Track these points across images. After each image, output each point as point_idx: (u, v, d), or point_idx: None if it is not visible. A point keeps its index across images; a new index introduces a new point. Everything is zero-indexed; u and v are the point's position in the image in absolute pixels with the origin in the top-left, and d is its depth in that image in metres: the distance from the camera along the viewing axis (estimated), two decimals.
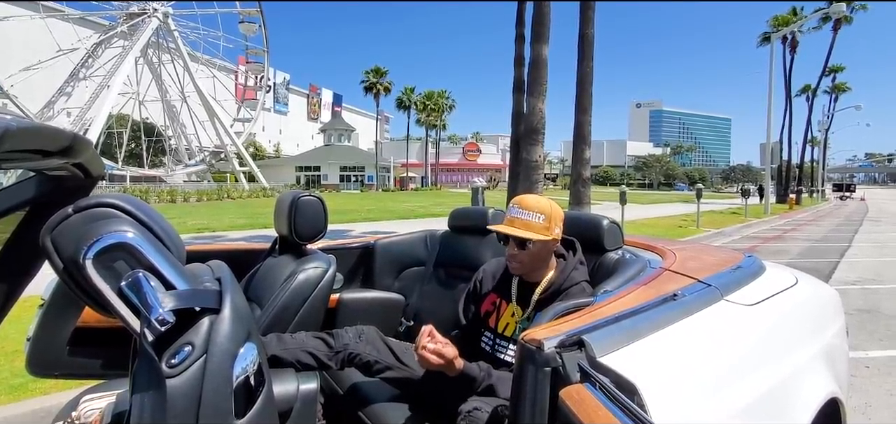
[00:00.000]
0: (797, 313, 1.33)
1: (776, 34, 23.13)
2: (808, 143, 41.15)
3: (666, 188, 73.14)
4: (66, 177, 1.13)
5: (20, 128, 0.67)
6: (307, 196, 1.77)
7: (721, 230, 12.89)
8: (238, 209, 19.44)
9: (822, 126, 42.66)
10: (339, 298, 2.06)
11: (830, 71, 38.93)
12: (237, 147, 37.28)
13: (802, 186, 37.28)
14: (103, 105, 30.06)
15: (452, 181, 58.25)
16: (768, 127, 20.91)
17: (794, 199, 28.84)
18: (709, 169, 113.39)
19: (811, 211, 25.31)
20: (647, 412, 0.70)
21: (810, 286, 1.51)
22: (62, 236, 0.63)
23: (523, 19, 10.40)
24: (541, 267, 1.38)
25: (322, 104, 75.27)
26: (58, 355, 1.61)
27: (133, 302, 0.61)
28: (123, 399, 1.17)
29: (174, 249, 0.71)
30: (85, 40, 33.03)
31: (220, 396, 0.61)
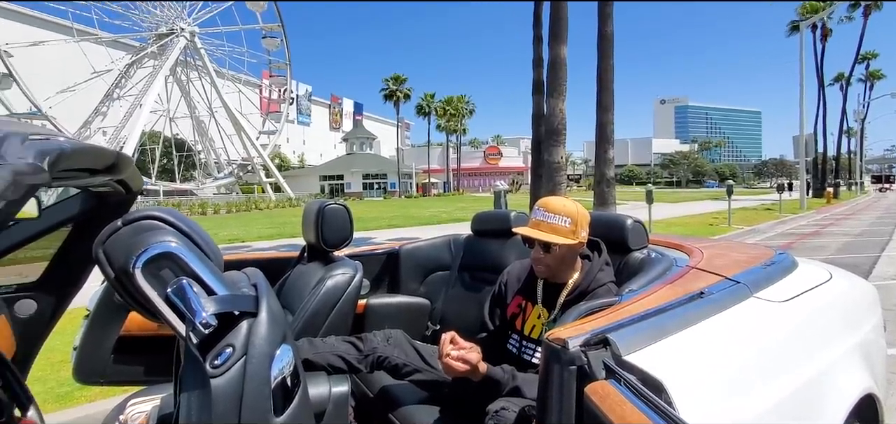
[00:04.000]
0: (831, 309, 1.29)
1: (805, 23, 22.32)
2: (844, 134, 39.50)
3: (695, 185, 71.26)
4: (108, 193, 1.20)
5: (73, 148, 0.73)
6: (333, 204, 1.82)
7: (754, 227, 12.46)
8: (266, 219, 19.89)
9: (857, 115, 40.93)
10: (366, 303, 2.10)
11: (863, 58, 37.37)
12: (263, 159, 38.23)
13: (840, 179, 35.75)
14: (137, 123, 31.35)
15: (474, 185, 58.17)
16: (801, 118, 20.17)
17: (831, 193, 27.65)
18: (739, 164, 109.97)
19: (849, 204, 24.22)
20: (675, 409, 0.70)
21: (845, 281, 1.47)
22: (113, 247, 0.67)
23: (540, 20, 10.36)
24: (566, 269, 1.37)
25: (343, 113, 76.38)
26: (103, 363, 1.70)
27: (178, 307, 0.65)
28: (167, 402, 1.23)
29: (213, 257, 0.75)
30: (118, 61, 34.50)
31: (260, 395, 0.64)
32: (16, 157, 0.62)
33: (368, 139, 54.87)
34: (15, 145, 0.63)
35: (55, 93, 30.78)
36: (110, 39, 35.79)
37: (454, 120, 51.50)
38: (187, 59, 36.55)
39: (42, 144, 0.66)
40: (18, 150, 0.62)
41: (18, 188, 0.60)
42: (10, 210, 0.60)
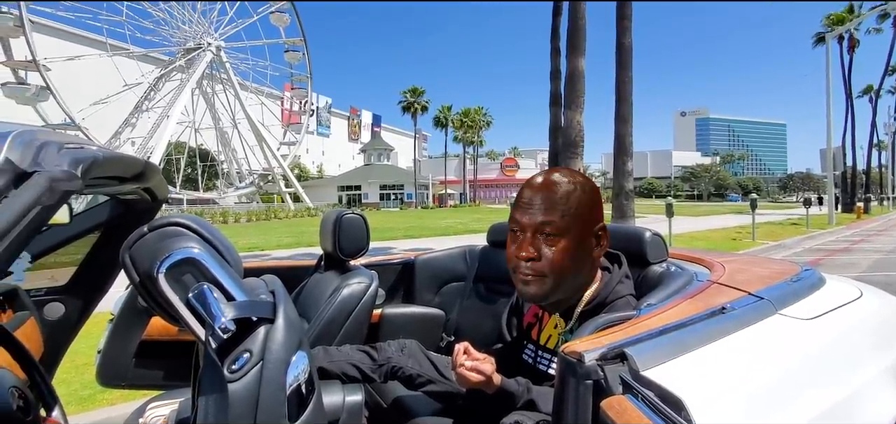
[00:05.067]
0: (861, 328, 1.24)
1: (831, 34, 21.81)
2: (875, 147, 38.24)
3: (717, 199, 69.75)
4: (135, 201, 1.24)
5: (105, 157, 0.76)
6: (350, 214, 1.84)
7: (780, 242, 12.09)
8: (285, 228, 20.20)
9: (888, 128, 39.67)
10: (381, 313, 2.11)
11: (893, 70, 36.19)
12: (283, 169, 38.99)
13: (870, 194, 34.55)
14: (164, 133, 32.42)
15: (491, 197, 58.11)
16: (828, 131, 19.61)
17: (861, 208, 26.74)
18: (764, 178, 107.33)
19: (881, 219, 23.34)
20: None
21: (877, 300, 1.41)
22: (138, 253, 0.70)
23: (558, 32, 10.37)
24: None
25: (362, 125, 77.40)
26: (125, 367, 1.74)
27: (199, 311, 0.66)
28: (185, 406, 1.25)
29: (234, 264, 0.77)
30: (147, 75, 35.84)
31: (275, 401, 0.65)
32: (52, 165, 0.65)
33: (386, 150, 55.45)
34: (51, 153, 0.66)
35: (89, 105, 32.05)
36: (141, 54, 37.20)
37: (471, 131, 51.69)
38: (213, 72, 37.72)
39: (76, 153, 0.69)
40: (54, 158, 0.65)
41: (54, 194, 0.62)
42: (46, 215, 0.62)
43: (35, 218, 0.60)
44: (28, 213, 0.58)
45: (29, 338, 1.06)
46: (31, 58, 28.95)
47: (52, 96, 30.17)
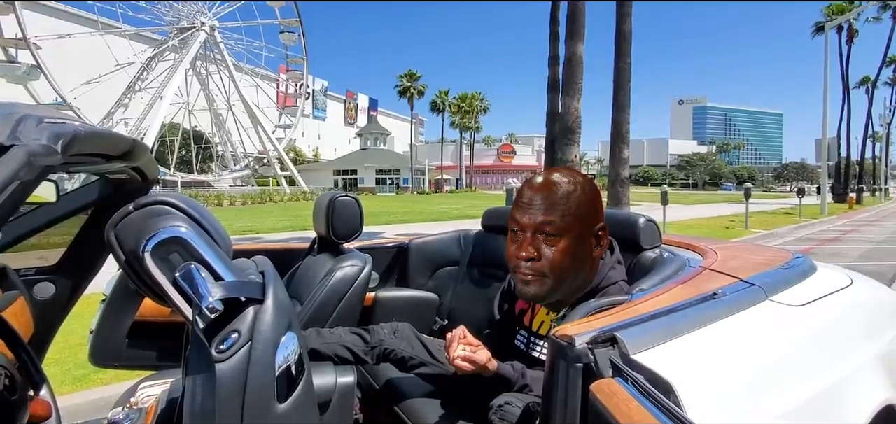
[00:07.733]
0: (851, 315, 1.26)
1: (830, 24, 21.77)
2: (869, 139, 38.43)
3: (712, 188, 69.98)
4: (125, 181, 1.22)
5: (87, 132, 0.74)
6: (344, 196, 1.83)
7: (773, 231, 12.20)
8: (280, 212, 20.13)
9: (883, 120, 39.86)
10: (374, 297, 2.11)
11: (891, 61, 36.20)
12: (279, 152, 38.66)
13: (863, 184, 34.81)
14: (157, 114, 32.02)
15: (487, 183, 58.05)
16: (824, 122, 19.67)
17: (853, 198, 26.96)
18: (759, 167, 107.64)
19: (873, 210, 23.54)
20: (683, 410, 0.69)
21: (867, 288, 1.42)
22: (124, 231, 0.69)
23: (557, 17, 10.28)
24: None
25: (358, 109, 76.84)
26: (118, 347, 1.73)
27: (186, 291, 0.65)
28: (177, 386, 1.25)
29: (222, 244, 0.76)
30: (140, 54, 35.24)
31: (263, 381, 0.65)
32: (31, 139, 0.63)
33: (382, 135, 55.10)
34: (30, 127, 0.64)
35: (80, 85, 31.55)
36: (133, 33, 36.54)
37: (468, 117, 51.43)
38: (207, 53, 37.14)
39: (57, 127, 0.67)
40: (33, 132, 0.64)
41: (32, 169, 0.61)
42: (24, 190, 0.61)
43: (13, 194, 0.58)
44: (6, 189, 0.57)
45: (18, 318, 1.05)
46: (21, 36, 28.40)
47: (43, 75, 29.67)
